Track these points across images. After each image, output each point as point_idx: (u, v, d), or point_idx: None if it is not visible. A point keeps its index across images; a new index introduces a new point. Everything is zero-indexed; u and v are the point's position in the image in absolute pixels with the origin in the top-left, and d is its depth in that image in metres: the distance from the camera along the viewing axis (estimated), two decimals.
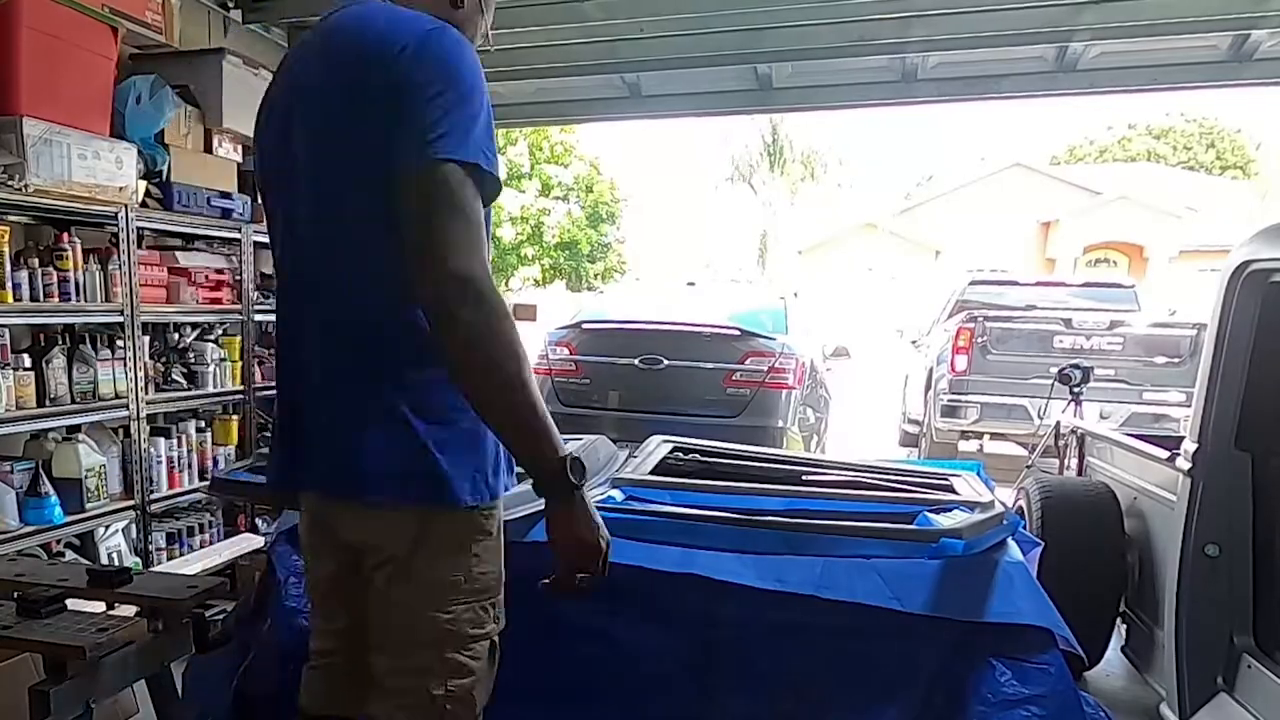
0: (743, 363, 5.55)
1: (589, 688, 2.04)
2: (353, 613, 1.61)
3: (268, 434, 4.74)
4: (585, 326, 6.05)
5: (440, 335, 1.36)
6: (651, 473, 2.56)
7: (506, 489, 1.57)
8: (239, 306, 4.19)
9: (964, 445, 7.78)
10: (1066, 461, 4.13)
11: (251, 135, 1.68)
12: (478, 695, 1.59)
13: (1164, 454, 2.91)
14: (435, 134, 1.33)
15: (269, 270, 5.03)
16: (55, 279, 3.19)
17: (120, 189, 3.30)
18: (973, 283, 9.26)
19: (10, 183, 2.90)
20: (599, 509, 1.82)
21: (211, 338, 4.13)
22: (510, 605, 1.73)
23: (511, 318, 1.39)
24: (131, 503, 3.53)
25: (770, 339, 5.71)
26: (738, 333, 5.70)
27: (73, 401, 3.27)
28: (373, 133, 1.36)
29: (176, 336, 3.98)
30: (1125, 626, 3.29)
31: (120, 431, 3.57)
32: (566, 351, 5.86)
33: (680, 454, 2.83)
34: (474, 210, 1.36)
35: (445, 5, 1.55)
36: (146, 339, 3.66)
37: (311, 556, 1.65)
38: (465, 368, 1.37)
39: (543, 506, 1.48)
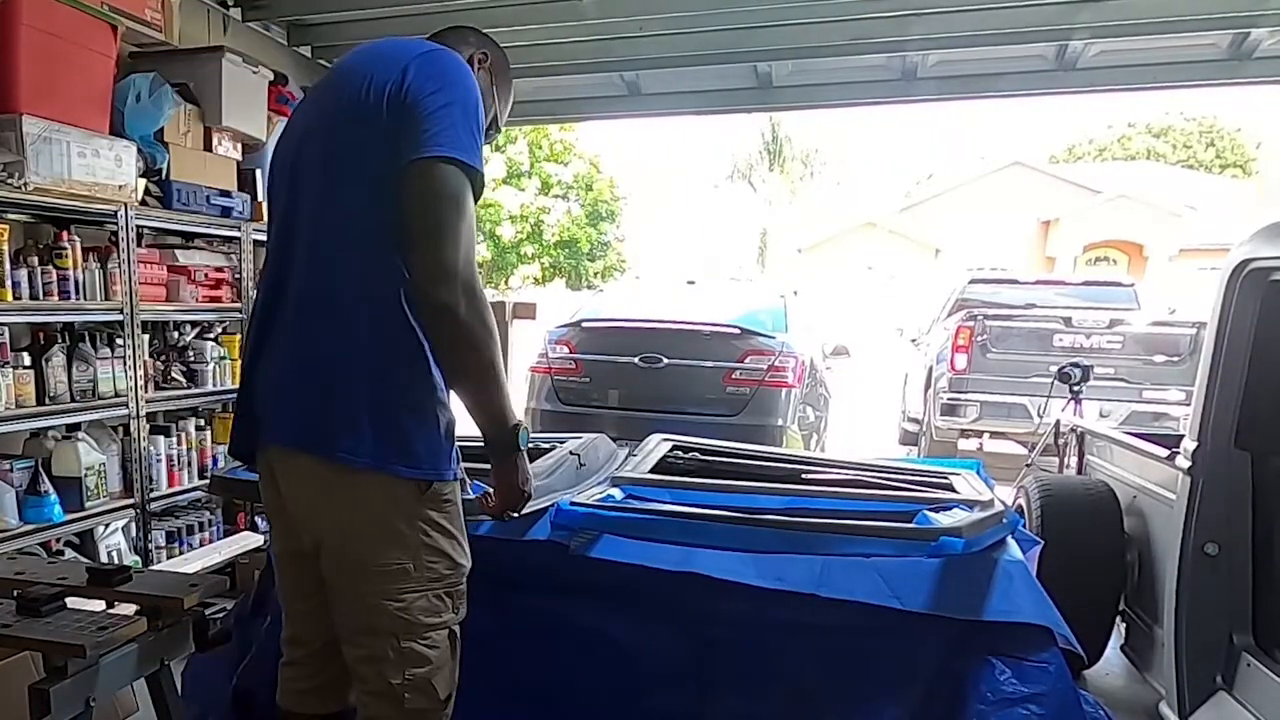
0: (742, 361, 5.55)
1: (589, 686, 2.04)
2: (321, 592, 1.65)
3: None
4: (585, 325, 6.05)
5: (429, 320, 1.52)
6: (651, 471, 2.56)
7: (456, 476, 1.64)
8: (239, 305, 4.18)
9: (964, 444, 7.77)
10: (1066, 460, 4.13)
11: (250, 134, 1.80)
12: (438, 685, 1.60)
13: (1163, 453, 2.91)
14: (436, 132, 1.49)
15: None
16: (55, 277, 3.19)
17: (120, 187, 3.30)
18: (972, 281, 9.26)
19: (10, 181, 2.90)
20: (599, 506, 1.84)
21: (211, 336, 4.13)
22: (511, 604, 1.74)
23: (488, 303, 1.56)
24: (131, 501, 3.53)
25: (770, 337, 5.71)
26: (737, 331, 5.70)
27: (72, 400, 3.27)
28: (380, 133, 1.51)
29: (176, 335, 3.98)
30: (1125, 625, 3.29)
31: (120, 430, 3.57)
32: (566, 350, 5.86)
33: (680, 452, 2.83)
34: (468, 206, 1.51)
35: None
36: (146, 337, 3.66)
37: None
38: (452, 350, 1.54)
39: (543, 505, 1.51)
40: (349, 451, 1.51)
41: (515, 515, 1.77)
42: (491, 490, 1.76)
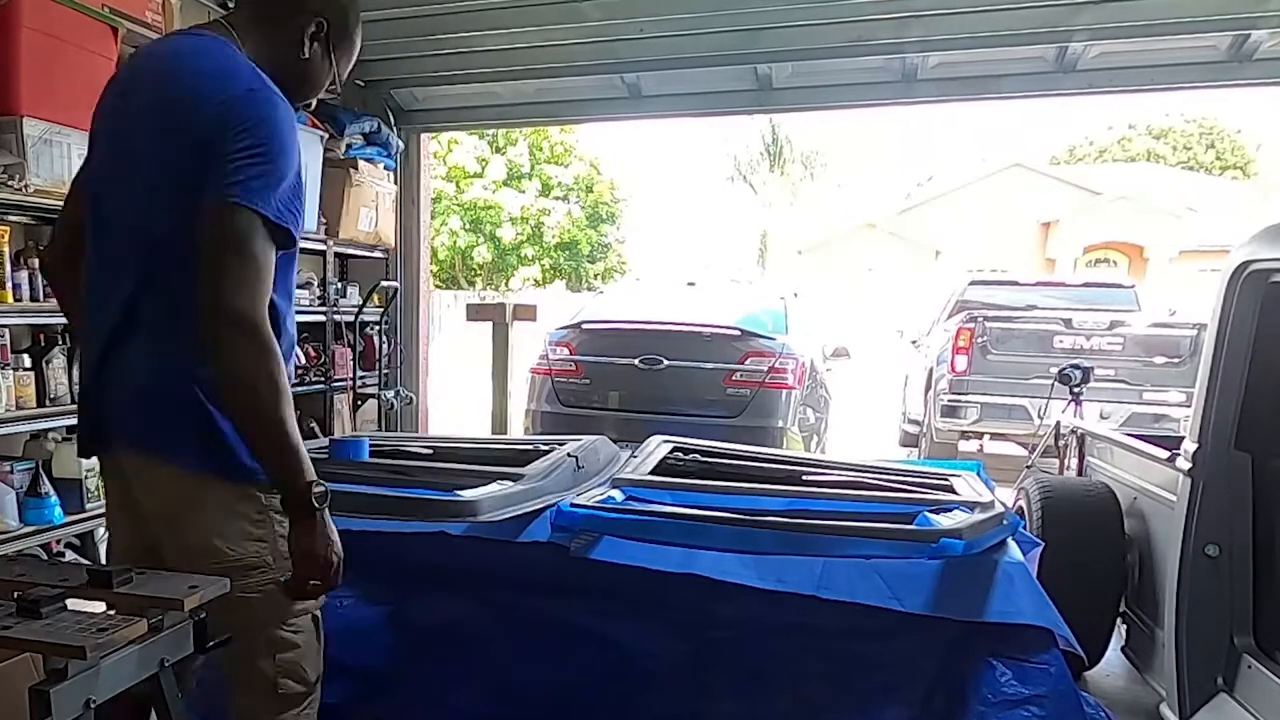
0: (743, 363, 5.55)
1: (590, 687, 2.04)
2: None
3: None
4: (585, 327, 6.05)
5: (211, 364, 1.48)
6: (652, 473, 2.56)
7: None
8: None
9: (964, 445, 7.78)
10: (1066, 461, 4.13)
11: None
12: (307, 668, 1.66)
13: (1164, 454, 2.91)
14: (238, 180, 1.46)
15: None
16: None
17: None
18: (973, 283, 9.26)
19: (10, 183, 2.90)
20: (599, 508, 1.84)
21: None
22: (511, 605, 1.74)
23: (277, 356, 1.49)
24: None
25: (770, 339, 5.70)
26: (738, 333, 5.70)
27: (73, 401, 3.26)
28: (188, 165, 1.50)
29: None
30: (1125, 626, 3.29)
31: None
32: (567, 352, 5.86)
33: (680, 454, 2.82)
34: (262, 254, 1.48)
35: (292, 56, 1.67)
36: None
37: None
38: (229, 394, 1.50)
39: (537, 507, 1.51)
40: (198, 461, 1.55)
41: (320, 589, 1.59)
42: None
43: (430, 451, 2.92)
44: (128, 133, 1.62)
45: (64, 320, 3.29)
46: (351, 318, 5.23)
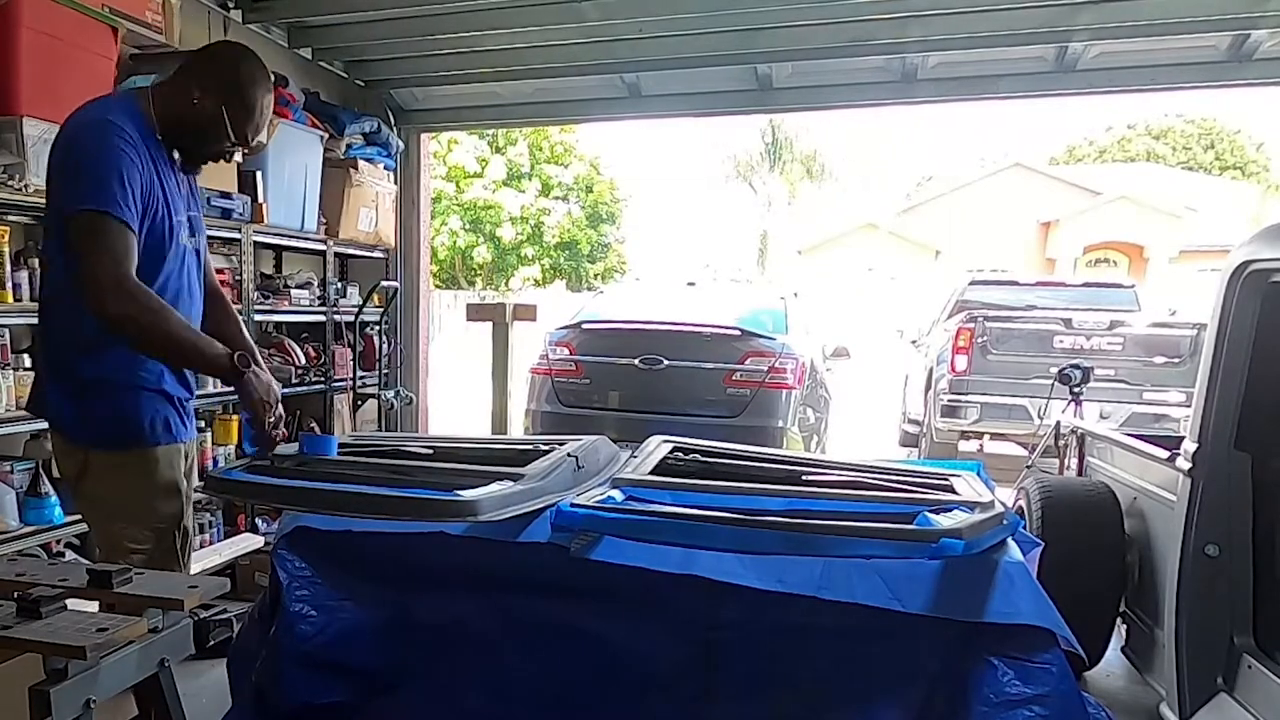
0: (743, 363, 5.55)
1: (590, 688, 2.04)
2: None
3: None
4: (585, 326, 6.05)
5: (111, 330, 2.01)
6: (651, 473, 2.55)
7: (162, 442, 2.20)
8: (239, 306, 4.18)
9: (964, 445, 7.78)
10: (1066, 461, 4.13)
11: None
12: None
13: (1164, 454, 2.91)
14: (78, 189, 1.99)
15: (269, 270, 5.03)
16: None
17: None
18: (973, 283, 9.26)
19: (10, 183, 2.90)
20: (599, 508, 1.85)
21: None
22: (511, 606, 1.74)
23: (154, 304, 2.03)
24: None
25: (770, 339, 5.70)
26: (738, 333, 5.70)
27: None
28: (54, 193, 2.10)
29: None
30: (1125, 626, 3.29)
31: None
32: (567, 351, 5.85)
33: (680, 454, 2.82)
34: (114, 240, 1.98)
35: (185, 102, 2.21)
36: None
37: None
38: (135, 343, 2.05)
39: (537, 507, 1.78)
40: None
41: (275, 430, 2.22)
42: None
43: (430, 451, 2.91)
44: None
45: None
46: (351, 318, 5.23)
